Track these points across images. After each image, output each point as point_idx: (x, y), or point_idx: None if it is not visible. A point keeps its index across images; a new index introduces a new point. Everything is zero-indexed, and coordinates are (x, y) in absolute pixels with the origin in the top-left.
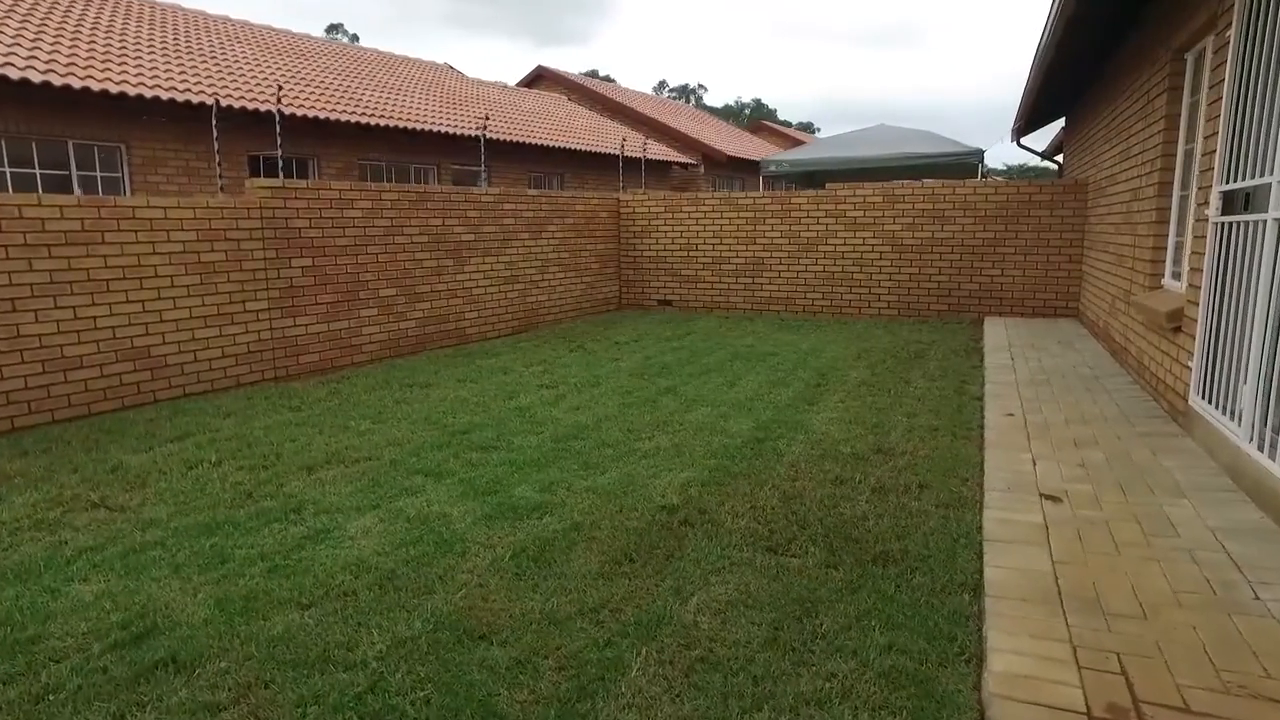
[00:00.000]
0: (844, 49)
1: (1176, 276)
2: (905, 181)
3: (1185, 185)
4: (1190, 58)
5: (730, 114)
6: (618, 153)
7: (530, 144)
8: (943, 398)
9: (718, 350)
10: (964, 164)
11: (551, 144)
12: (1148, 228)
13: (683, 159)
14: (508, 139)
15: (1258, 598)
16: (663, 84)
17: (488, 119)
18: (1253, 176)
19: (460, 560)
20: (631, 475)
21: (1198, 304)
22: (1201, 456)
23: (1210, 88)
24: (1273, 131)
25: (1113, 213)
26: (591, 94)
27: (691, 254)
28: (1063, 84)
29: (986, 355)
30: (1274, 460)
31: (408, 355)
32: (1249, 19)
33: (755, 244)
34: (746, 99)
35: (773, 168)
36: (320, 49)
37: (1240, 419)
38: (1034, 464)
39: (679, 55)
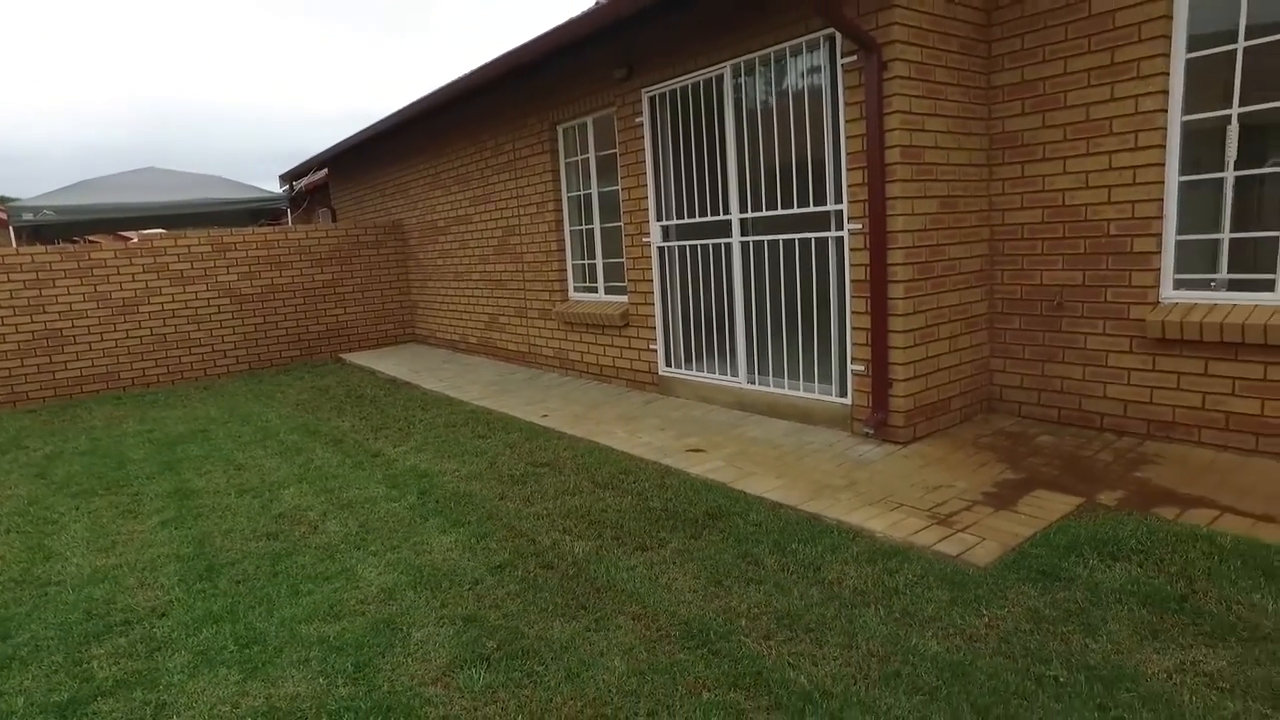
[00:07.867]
0: None
1: (590, 289)
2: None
3: (574, 222)
4: (562, 129)
5: None
6: None
7: None
8: (467, 421)
9: (120, 448)
10: (269, 209)
11: None
12: (547, 255)
13: None
14: None
15: (861, 457)
16: None
17: None
18: (700, 216)
19: None
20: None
21: (651, 305)
22: (699, 405)
23: (623, 155)
24: (727, 188)
25: (470, 247)
26: None
27: None
28: (376, 142)
29: (412, 381)
30: (783, 389)
31: None
32: (657, 118)
33: (46, 313)
34: None
35: (29, 216)
36: None
37: (738, 372)
38: (638, 436)
39: None
